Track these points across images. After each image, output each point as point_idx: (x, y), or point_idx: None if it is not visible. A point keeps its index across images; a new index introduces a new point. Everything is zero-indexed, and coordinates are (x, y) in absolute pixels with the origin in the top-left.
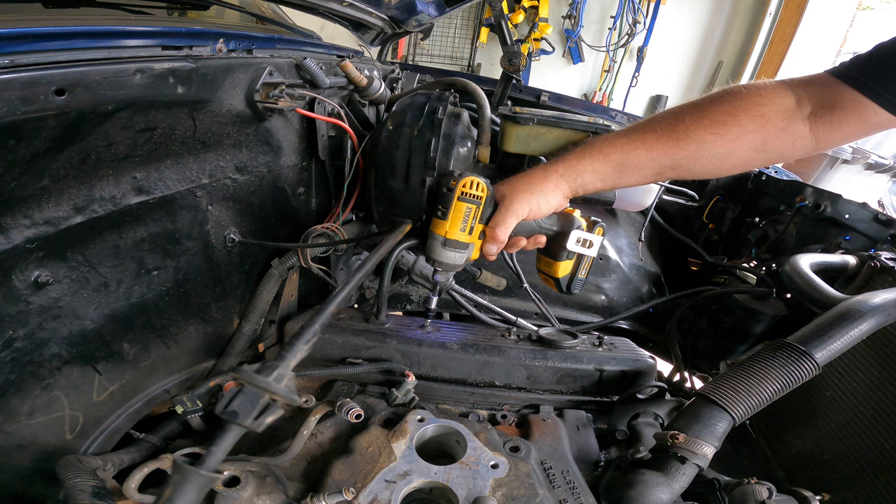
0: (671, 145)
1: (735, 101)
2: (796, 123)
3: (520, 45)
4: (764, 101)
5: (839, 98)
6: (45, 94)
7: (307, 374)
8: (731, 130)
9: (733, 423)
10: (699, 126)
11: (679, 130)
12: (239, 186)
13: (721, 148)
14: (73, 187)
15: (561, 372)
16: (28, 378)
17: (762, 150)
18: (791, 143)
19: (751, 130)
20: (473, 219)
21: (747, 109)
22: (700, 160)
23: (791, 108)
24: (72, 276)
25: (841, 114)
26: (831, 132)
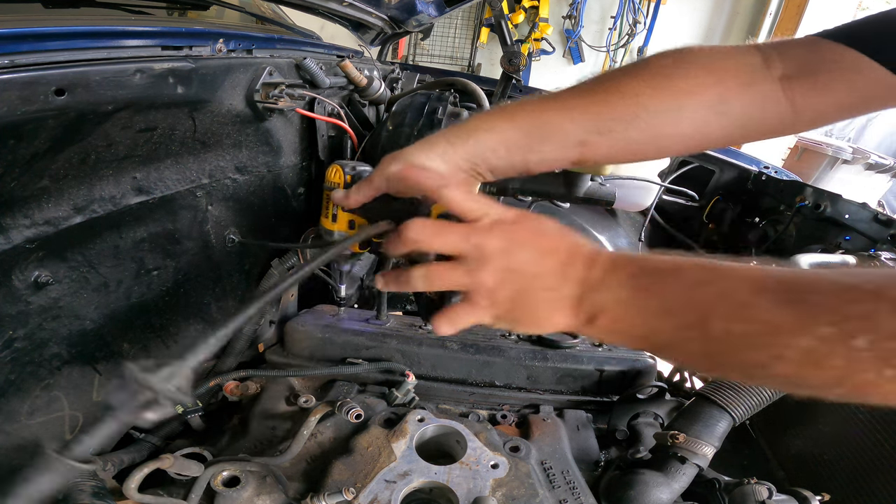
0: (597, 102)
1: (685, 55)
2: (764, 82)
3: (520, 45)
4: (721, 56)
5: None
6: (45, 94)
7: (307, 374)
8: (677, 83)
9: (733, 423)
10: (635, 79)
11: (608, 85)
12: (239, 186)
13: (663, 104)
14: (73, 187)
15: (561, 372)
16: (28, 378)
17: (722, 111)
18: (760, 104)
19: (705, 84)
20: (334, 206)
21: (698, 62)
22: (636, 121)
23: (756, 65)
24: (72, 276)
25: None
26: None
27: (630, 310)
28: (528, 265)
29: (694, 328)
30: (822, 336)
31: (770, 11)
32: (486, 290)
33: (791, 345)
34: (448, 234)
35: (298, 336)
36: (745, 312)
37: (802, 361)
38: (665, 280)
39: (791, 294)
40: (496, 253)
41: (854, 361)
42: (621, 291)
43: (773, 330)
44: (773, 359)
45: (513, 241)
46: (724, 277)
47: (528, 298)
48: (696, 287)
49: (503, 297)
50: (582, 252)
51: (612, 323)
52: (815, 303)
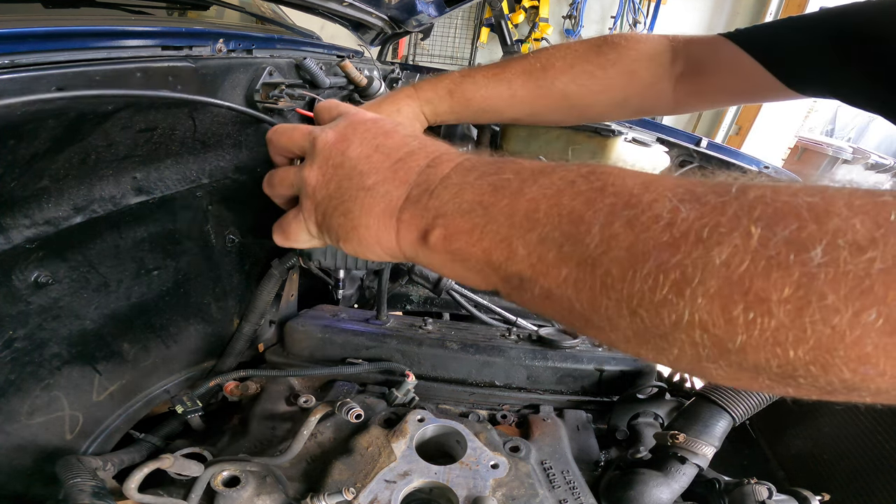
0: (535, 94)
1: (610, 53)
2: (662, 81)
3: (520, 45)
4: (638, 57)
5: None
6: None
7: (307, 374)
8: (597, 83)
9: (733, 423)
10: (566, 76)
11: (547, 79)
12: (239, 186)
13: (582, 100)
14: (73, 187)
15: (561, 372)
16: (28, 378)
17: (622, 105)
18: (652, 101)
19: (616, 86)
20: None
21: (619, 63)
22: (559, 111)
23: (664, 68)
24: (72, 276)
25: (711, 77)
26: (694, 94)
27: (474, 216)
28: (353, 160)
29: (563, 241)
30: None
31: (770, 11)
32: (310, 187)
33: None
34: (293, 132)
35: (298, 336)
36: (634, 212)
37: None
38: (526, 180)
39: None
40: (326, 147)
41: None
42: (466, 192)
43: (677, 236)
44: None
45: (347, 136)
46: (605, 172)
47: (343, 199)
48: (568, 185)
49: (322, 197)
50: (426, 150)
51: (448, 239)
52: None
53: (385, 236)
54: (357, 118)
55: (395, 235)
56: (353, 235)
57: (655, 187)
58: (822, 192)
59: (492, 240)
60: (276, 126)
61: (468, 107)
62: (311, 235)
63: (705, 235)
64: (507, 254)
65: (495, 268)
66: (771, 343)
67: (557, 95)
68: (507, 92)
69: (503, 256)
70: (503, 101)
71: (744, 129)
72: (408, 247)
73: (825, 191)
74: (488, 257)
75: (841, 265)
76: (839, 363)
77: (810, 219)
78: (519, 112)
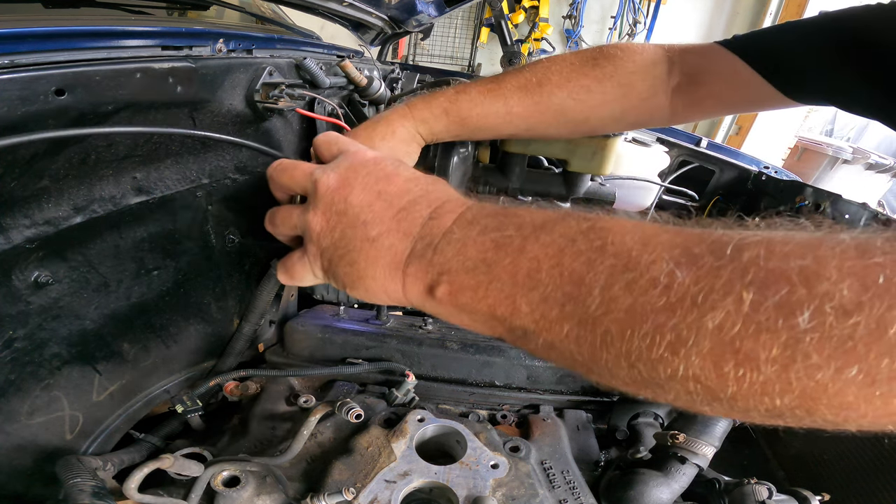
0: (532, 111)
1: (606, 66)
2: (658, 96)
3: (520, 45)
4: (635, 69)
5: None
6: (45, 94)
7: (307, 374)
8: (594, 97)
9: (733, 423)
10: (563, 91)
11: (543, 95)
12: (239, 186)
13: (579, 115)
14: (73, 187)
15: (561, 371)
16: (28, 378)
17: (618, 119)
18: (648, 114)
19: (612, 99)
20: None
21: (615, 76)
22: (555, 125)
23: (660, 80)
24: (72, 276)
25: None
26: (690, 104)
27: (478, 274)
28: (356, 208)
29: (564, 301)
30: (743, 308)
31: (770, 11)
32: (314, 233)
33: (700, 324)
34: (294, 170)
35: (298, 336)
36: (633, 275)
37: (718, 352)
38: (528, 237)
39: (695, 247)
40: (329, 192)
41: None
42: (469, 249)
43: (673, 301)
44: (675, 349)
45: (349, 180)
46: (605, 230)
47: (349, 249)
48: (569, 244)
49: (328, 244)
50: (432, 200)
51: (454, 294)
52: (730, 257)
53: (391, 287)
54: (357, 159)
55: (401, 287)
56: (359, 284)
57: (654, 247)
58: (814, 251)
59: (496, 297)
60: (277, 162)
61: (464, 125)
62: (317, 277)
63: (700, 301)
64: (511, 310)
65: (500, 321)
66: (759, 394)
67: (554, 111)
68: (504, 109)
69: (507, 312)
70: (499, 119)
71: (744, 129)
72: (414, 298)
73: (818, 249)
74: (493, 312)
75: (826, 329)
76: (823, 409)
77: (800, 283)
78: (516, 128)
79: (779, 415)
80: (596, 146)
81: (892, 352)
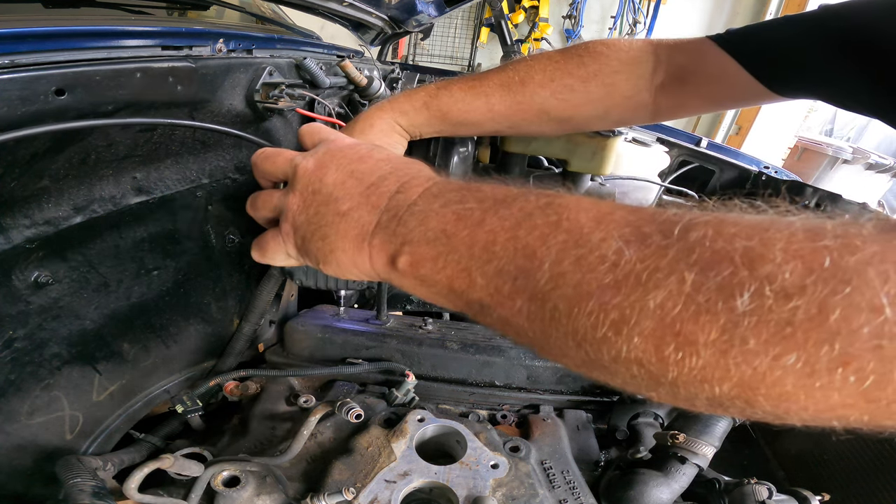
0: (514, 109)
1: (590, 65)
2: (641, 94)
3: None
4: (619, 68)
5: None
6: (45, 94)
7: (307, 374)
8: (577, 97)
9: (733, 423)
10: (546, 89)
11: (526, 94)
12: (239, 186)
13: (562, 114)
14: (73, 187)
15: (561, 371)
16: (28, 378)
17: (602, 117)
18: (632, 112)
19: (596, 98)
20: None
21: (599, 75)
22: (538, 123)
23: (644, 78)
24: (72, 276)
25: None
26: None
27: (437, 247)
28: (329, 187)
29: (517, 275)
30: (684, 288)
31: (770, 11)
32: (290, 213)
33: (642, 303)
34: (276, 157)
35: (298, 336)
36: (582, 251)
37: (659, 333)
38: (488, 209)
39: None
40: (307, 173)
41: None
42: (430, 220)
43: (619, 279)
44: (618, 328)
45: (326, 162)
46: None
47: (322, 226)
48: (525, 218)
49: (302, 222)
50: (401, 175)
51: (415, 265)
52: (678, 237)
53: (360, 259)
54: (335, 145)
55: (368, 259)
56: (331, 258)
57: (606, 224)
58: (762, 232)
59: (454, 269)
60: (260, 150)
61: (445, 120)
62: (289, 256)
63: (644, 279)
64: (468, 282)
65: (458, 294)
66: (699, 380)
67: (537, 110)
68: (485, 106)
69: (464, 285)
70: (481, 115)
71: (744, 129)
72: (381, 269)
73: (766, 231)
74: (451, 284)
75: (765, 313)
76: (762, 399)
77: (743, 265)
78: (499, 125)
79: (720, 404)
80: (596, 146)
81: (832, 339)
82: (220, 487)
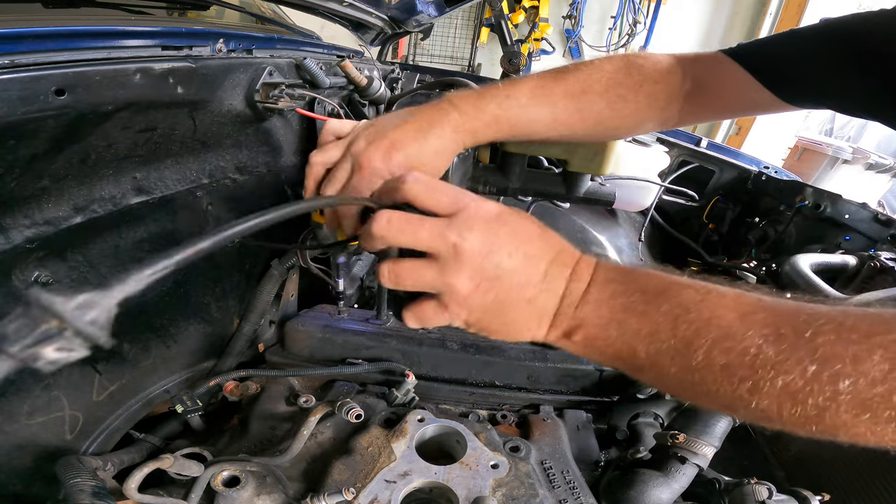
0: (575, 118)
1: (636, 76)
2: (673, 104)
3: (520, 45)
4: (658, 79)
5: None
6: (45, 94)
7: (307, 374)
8: (628, 107)
9: (733, 423)
10: (603, 99)
11: (586, 103)
12: (239, 186)
13: (613, 122)
14: (73, 187)
15: (561, 372)
16: (28, 378)
17: (640, 126)
18: (661, 121)
19: (641, 108)
20: None
21: (644, 86)
22: (592, 133)
23: (676, 89)
24: (72, 276)
25: (713, 93)
26: (696, 109)
27: (610, 329)
28: (509, 274)
29: (674, 355)
30: (806, 375)
31: (770, 11)
32: (460, 296)
33: (773, 380)
34: (418, 230)
35: (298, 336)
36: (730, 344)
37: (781, 398)
38: (650, 301)
39: (782, 328)
40: (474, 255)
41: (834, 402)
42: (603, 309)
43: (757, 364)
44: (752, 392)
45: (493, 243)
46: (712, 304)
47: (508, 309)
48: (683, 313)
49: (478, 305)
50: (567, 260)
51: (589, 340)
52: (807, 340)
53: (537, 334)
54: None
55: (545, 333)
56: (509, 333)
57: (750, 324)
58: (869, 339)
59: (621, 345)
60: (383, 216)
61: (511, 132)
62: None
63: (777, 366)
64: (632, 355)
65: (621, 360)
66: (802, 423)
67: (594, 119)
68: (551, 115)
69: (628, 355)
70: (545, 125)
71: (744, 129)
72: (554, 339)
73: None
74: (618, 355)
75: (857, 392)
76: (842, 435)
77: (850, 362)
78: (555, 134)
79: (811, 434)
80: (597, 147)
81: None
82: (220, 487)
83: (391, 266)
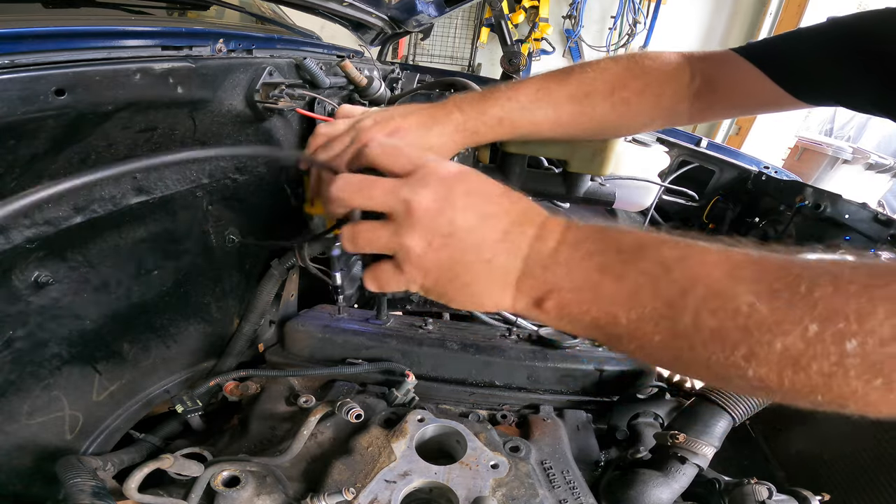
0: (578, 120)
1: (641, 77)
2: (681, 103)
3: (520, 45)
4: (665, 79)
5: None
6: (45, 94)
7: (307, 374)
8: (632, 109)
9: (733, 423)
10: (607, 102)
11: (589, 105)
12: (239, 186)
13: (616, 123)
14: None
15: (561, 372)
16: (28, 378)
17: (647, 125)
18: (670, 119)
19: (646, 109)
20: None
21: (650, 87)
22: (592, 134)
23: (684, 87)
24: (72, 276)
25: (723, 92)
26: (707, 108)
27: (584, 293)
28: (463, 232)
29: (658, 320)
30: (807, 336)
31: (770, 11)
32: (413, 255)
33: (771, 343)
34: (372, 189)
35: (298, 336)
36: (719, 303)
37: (782, 363)
38: (627, 261)
39: (775, 283)
40: (428, 213)
41: (841, 367)
42: (575, 272)
43: (751, 325)
44: (748, 359)
45: (448, 200)
46: (696, 261)
47: (463, 271)
48: (664, 272)
49: (432, 266)
50: (532, 219)
51: (563, 307)
52: (803, 295)
53: (502, 300)
54: (444, 175)
55: (511, 299)
56: (468, 299)
57: (739, 280)
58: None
59: (598, 311)
60: (341, 178)
61: (513, 133)
62: (408, 289)
63: (774, 328)
64: (611, 321)
65: (599, 328)
66: (806, 392)
67: (597, 122)
68: (553, 117)
69: (607, 322)
70: (547, 127)
71: (744, 129)
72: (521, 308)
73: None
74: (595, 322)
75: (866, 355)
76: (851, 406)
77: (855, 320)
78: (556, 135)
79: (817, 405)
80: (596, 147)
81: None
82: (220, 487)
83: (350, 229)
